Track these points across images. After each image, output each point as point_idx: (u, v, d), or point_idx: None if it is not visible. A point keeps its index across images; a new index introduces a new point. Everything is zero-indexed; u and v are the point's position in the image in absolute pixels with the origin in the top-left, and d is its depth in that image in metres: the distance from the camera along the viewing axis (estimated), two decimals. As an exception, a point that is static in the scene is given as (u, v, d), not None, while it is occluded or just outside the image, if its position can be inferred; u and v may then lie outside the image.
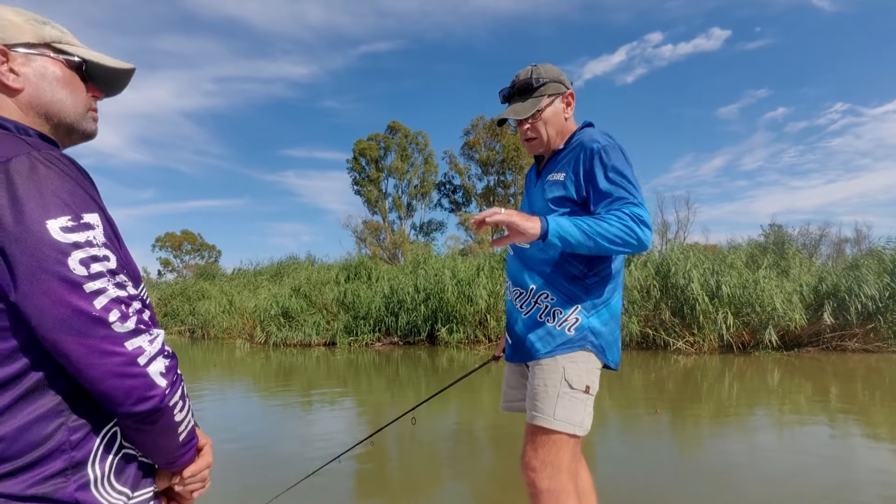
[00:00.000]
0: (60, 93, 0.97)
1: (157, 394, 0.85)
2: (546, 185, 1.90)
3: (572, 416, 1.81)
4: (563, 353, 1.85)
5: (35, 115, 0.95)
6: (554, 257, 1.86)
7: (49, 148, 0.86)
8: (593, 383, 1.87)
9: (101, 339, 0.80)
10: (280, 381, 8.57)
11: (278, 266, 19.96)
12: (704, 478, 3.67)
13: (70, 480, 0.82)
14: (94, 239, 0.82)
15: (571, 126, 1.98)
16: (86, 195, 0.85)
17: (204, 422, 5.15)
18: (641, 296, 11.08)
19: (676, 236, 27.79)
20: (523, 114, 1.88)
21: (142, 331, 0.85)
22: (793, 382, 7.47)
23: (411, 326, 12.84)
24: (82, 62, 1.00)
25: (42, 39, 0.96)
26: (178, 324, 19.67)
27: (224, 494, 3.40)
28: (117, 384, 0.81)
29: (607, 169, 1.73)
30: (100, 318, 0.80)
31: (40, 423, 0.81)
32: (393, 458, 4.41)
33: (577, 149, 1.84)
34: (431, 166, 36.92)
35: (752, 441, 4.58)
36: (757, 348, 10.15)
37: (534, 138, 1.95)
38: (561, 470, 1.80)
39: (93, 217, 0.84)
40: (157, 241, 45.00)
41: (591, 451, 4.39)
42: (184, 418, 0.94)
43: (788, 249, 12.60)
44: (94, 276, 0.80)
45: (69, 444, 0.83)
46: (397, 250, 32.62)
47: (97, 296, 0.80)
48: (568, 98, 1.95)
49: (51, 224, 0.78)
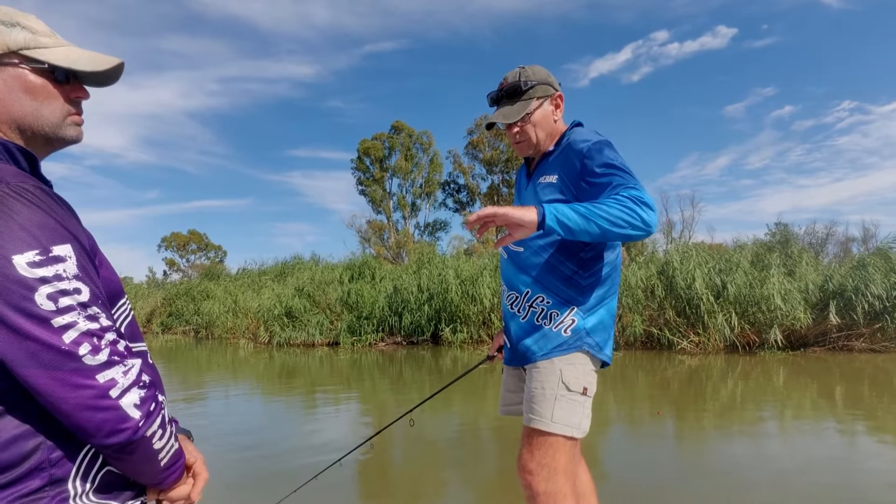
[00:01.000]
0: (30, 104, 0.93)
1: (129, 426, 0.84)
2: (538, 187, 1.90)
3: (570, 418, 1.80)
4: (560, 355, 1.84)
5: (8, 129, 0.93)
6: (548, 260, 1.85)
7: (20, 178, 0.84)
8: (591, 385, 1.86)
9: (70, 373, 0.79)
10: (283, 381, 8.57)
11: (282, 266, 19.99)
12: (709, 478, 3.64)
13: (48, 496, 0.82)
14: (63, 272, 0.81)
15: (561, 127, 1.97)
16: (57, 226, 0.83)
17: (206, 427, 5.16)
18: (645, 295, 11.03)
19: (681, 235, 27.66)
20: (512, 117, 1.87)
21: (115, 362, 0.83)
22: (799, 383, 7.41)
23: (415, 326, 12.83)
24: (53, 69, 0.95)
25: (7, 48, 0.91)
26: (182, 324, 19.74)
27: (222, 497, 3.39)
28: (89, 417, 0.80)
29: (599, 163, 1.71)
30: (69, 352, 0.79)
31: (19, 442, 0.81)
32: (396, 460, 4.40)
33: (567, 149, 1.84)
34: (436, 166, 36.88)
35: (758, 442, 4.54)
36: (762, 348, 10.08)
37: (523, 141, 1.94)
38: (558, 472, 1.78)
39: (63, 249, 0.82)
40: (163, 241, 45.10)
41: (596, 452, 4.36)
42: (164, 445, 0.92)
43: (794, 248, 12.52)
44: (62, 310, 0.80)
45: (48, 462, 0.83)
46: (401, 250, 32.59)
47: (66, 330, 0.79)
48: (557, 100, 1.94)
49: (17, 259, 0.77)
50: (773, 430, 5.03)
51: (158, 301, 22.21)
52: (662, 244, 15.49)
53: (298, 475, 3.39)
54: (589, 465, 2.20)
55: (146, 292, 24.38)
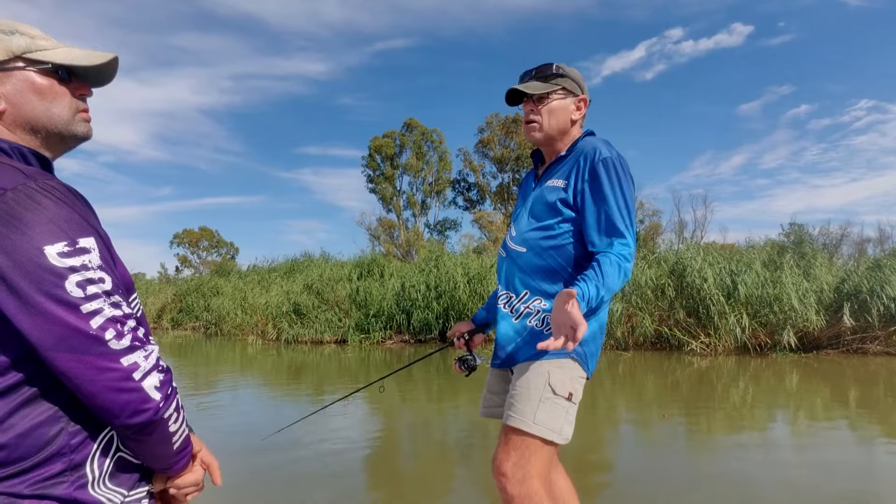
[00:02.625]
0: (41, 104, 0.99)
1: (151, 407, 0.90)
2: (545, 189, 1.90)
3: (552, 421, 1.77)
4: (549, 358, 1.81)
5: (23, 132, 0.98)
6: (550, 263, 1.86)
7: (45, 176, 0.90)
8: (576, 391, 1.83)
9: (97, 356, 0.85)
10: (291, 378, 8.58)
11: (292, 263, 20.05)
12: (718, 484, 3.56)
13: (69, 480, 0.88)
14: (89, 262, 0.87)
15: (576, 131, 1.97)
16: (81, 220, 0.89)
17: (213, 419, 5.15)
18: (655, 295, 10.92)
19: (693, 235, 27.37)
20: (532, 90, 1.88)
21: (137, 347, 0.89)
22: (812, 385, 7.28)
23: (423, 324, 12.80)
24: (57, 67, 1.01)
25: (12, 53, 0.97)
26: (192, 320, 19.86)
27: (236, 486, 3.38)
28: (114, 398, 0.86)
29: (612, 187, 1.75)
30: (96, 337, 0.85)
31: (41, 428, 0.87)
32: (406, 458, 4.36)
33: (578, 156, 1.84)
34: (446, 164, 36.82)
35: (769, 446, 4.44)
36: (774, 350, 9.93)
37: (534, 121, 1.92)
38: (532, 475, 1.75)
39: (88, 241, 0.88)
40: (175, 238, 45.48)
41: (603, 455, 4.29)
42: (178, 428, 0.98)
43: (809, 249, 12.32)
44: (90, 297, 0.86)
45: (69, 448, 0.89)
46: (411, 248, 32.58)
47: (93, 316, 0.85)
48: (580, 103, 1.94)
49: (48, 250, 0.83)
50: (786, 434, 4.93)
51: (169, 297, 22.36)
52: (674, 244, 15.29)
53: (305, 466, 3.34)
54: (596, 468, 2.15)
55: (157, 288, 24.56)
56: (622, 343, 10.75)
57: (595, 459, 4.16)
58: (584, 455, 4.18)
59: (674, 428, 5.09)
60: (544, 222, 1.86)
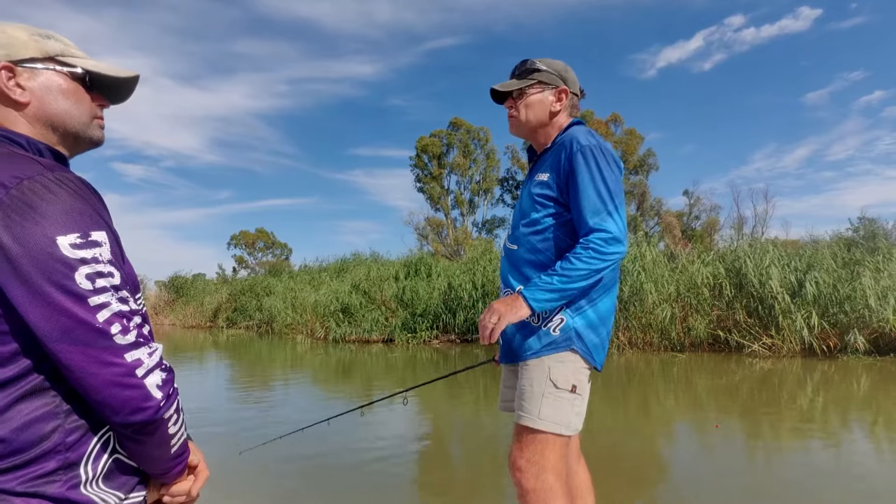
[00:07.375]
0: (65, 103, 1.03)
1: (152, 405, 0.88)
2: (533, 184, 1.96)
3: (558, 415, 1.81)
4: (550, 353, 1.85)
5: (42, 127, 1.01)
6: (540, 258, 1.89)
7: (61, 169, 0.91)
8: (580, 383, 1.86)
9: (101, 350, 0.84)
10: (340, 376, 8.63)
11: (341, 263, 20.35)
12: (784, 499, 3.27)
13: (62, 479, 0.86)
14: (100, 256, 0.87)
15: (561, 121, 2.02)
16: (95, 214, 0.89)
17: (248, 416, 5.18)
18: (712, 295, 10.40)
19: (753, 231, 26.09)
20: (506, 88, 1.98)
21: (141, 344, 0.89)
22: (889, 392, 6.71)
23: (469, 324, 12.68)
24: (85, 73, 1.05)
25: (46, 54, 1.01)
26: (246, 319, 20.43)
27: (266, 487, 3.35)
28: (115, 393, 0.85)
29: (591, 175, 1.79)
30: (102, 330, 0.84)
31: (37, 424, 0.85)
32: (451, 457, 4.25)
33: (559, 148, 1.90)
34: (493, 162, 36.55)
35: (842, 457, 4.08)
36: (844, 352, 9.24)
37: (513, 117, 2.02)
38: (546, 469, 1.80)
39: (100, 235, 0.88)
40: (232, 239, 47.06)
41: (649, 462, 4.05)
42: (177, 431, 0.97)
43: (883, 243, 11.45)
44: (98, 290, 0.85)
45: (64, 446, 0.87)
46: (459, 247, 32.52)
47: (101, 309, 0.85)
48: (560, 94, 1.99)
49: (60, 240, 0.83)
50: (862, 445, 4.52)
51: (224, 297, 23.11)
52: (733, 241, 14.53)
53: (347, 470, 3.28)
54: (643, 475, 2.02)
55: (214, 288, 25.43)
56: (677, 344, 10.30)
57: (652, 470, 3.92)
58: (643, 465, 3.95)
59: (734, 434, 4.76)
60: (531, 217, 1.92)
